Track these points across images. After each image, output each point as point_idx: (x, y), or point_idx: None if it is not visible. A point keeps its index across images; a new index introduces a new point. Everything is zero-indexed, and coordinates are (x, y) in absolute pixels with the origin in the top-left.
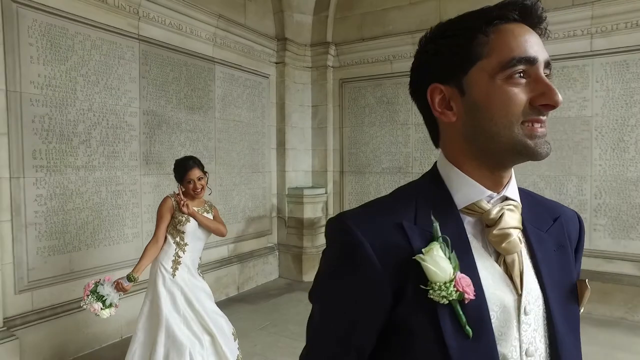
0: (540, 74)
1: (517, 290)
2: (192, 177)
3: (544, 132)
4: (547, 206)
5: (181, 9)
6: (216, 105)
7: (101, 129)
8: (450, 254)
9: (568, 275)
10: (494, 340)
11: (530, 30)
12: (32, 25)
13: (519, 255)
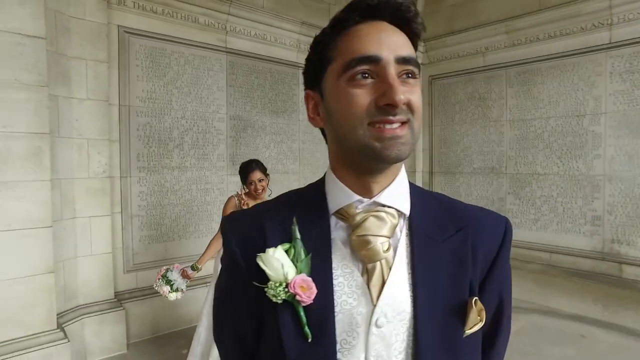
0: (385, 73)
1: (373, 300)
2: (253, 179)
3: (395, 133)
4: (456, 214)
5: (266, 20)
6: (300, 108)
7: (192, 134)
8: (304, 257)
9: (459, 292)
10: (334, 348)
11: (384, 28)
12: (139, 49)
13: (382, 265)
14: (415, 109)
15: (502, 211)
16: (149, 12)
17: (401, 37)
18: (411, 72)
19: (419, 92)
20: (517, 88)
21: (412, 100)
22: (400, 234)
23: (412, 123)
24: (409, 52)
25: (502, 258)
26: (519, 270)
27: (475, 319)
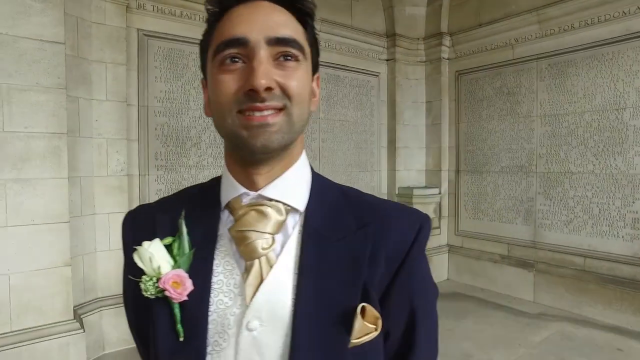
0: (253, 56)
1: (247, 301)
2: None
3: (265, 121)
4: (361, 211)
5: None
6: (320, 106)
7: (209, 133)
8: (188, 251)
9: (348, 297)
10: (204, 348)
11: (259, 8)
12: (157, 51)
13: (262, 263)
14: (292, 95)
15: (532, 212)
16: (167, 14)
17: (280, 17)
18: (290, 54)
19: (301, 76)
20: (549, 81)
21: (288, 85)
22: (292, 231)
23: (290, 110)
24: (287, 32)
25: (412, 261)
26: (549, 275)
27: (363, 328)
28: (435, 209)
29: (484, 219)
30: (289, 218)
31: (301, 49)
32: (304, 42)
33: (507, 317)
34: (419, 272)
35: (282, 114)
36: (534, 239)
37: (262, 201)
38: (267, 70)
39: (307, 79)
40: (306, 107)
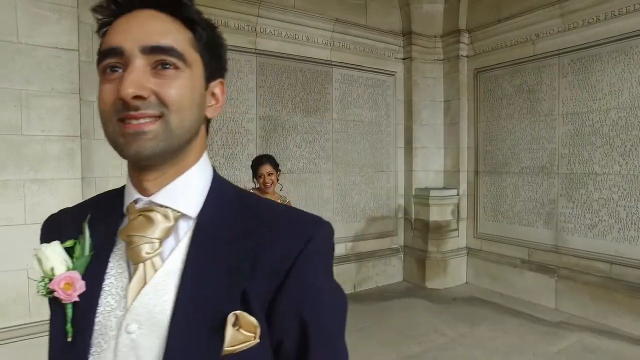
0: (129, 65)
1: (128, 304)
2: (262, 172)
3: (140, 129)
4: (252, 217)
5: (297, 19)
6: (334, 106)
7: (222, 134)
8: (87, 254)
9: (228, 305)
10: (88, 349)
11: (137, 17)
12: None
13: (146, 268)
14: (169, 103)
15: (553, 215)
16: None
17: (158, 25)
18: (167, 62)
19: (182, 84)
20: (572, 77)
21: (164, 93)
22: (183, 236)
23: (167, 117)
24: (164, 40)
25: (300, 271)
26: (572, 281)
27: (237, 336)
28: (453, 210)
29: (504, 221)
30: (181, 223)
31: (181, 57)
32: (187, 50)
33: (524, 325)
34: (311, 284)
35: (159, 121)
36: (556, 244)
37: (152, 207)
38: (136, 79)
39: (190, 86)
40: (190, 114)
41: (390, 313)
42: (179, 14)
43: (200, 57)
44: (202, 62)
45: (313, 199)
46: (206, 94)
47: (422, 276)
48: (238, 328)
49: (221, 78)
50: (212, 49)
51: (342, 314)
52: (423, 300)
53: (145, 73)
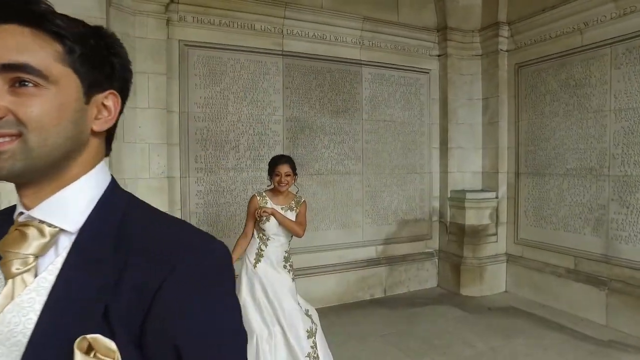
0: None
1: None
2: (280, 171)
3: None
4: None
5: (325, 19)
6: (363, 107)
7: (248, 136)
8: None
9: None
10: None
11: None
12: (197, 60)
13: (15, 284)
14: (26, 121)
15: (604, 222)
16: (207, 24)
17: (14, 40)
18: (24, 79)
19: (43, 102)
20: (626, 69)
21: (20, 112)
22: (62, 252)
23: (26, 136)
24: (18, 57)
25: (167, 300)
26: (627, 295)
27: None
28: (491, 214)
29: (547, 227)
30: (62, 238)
31: (39, 74)
32: (50, 66)
33: (568, 341)
34: (187, 316)
35: (17, 141)
36: (607, 253)
37: (29, 221)
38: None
39: (55, 103)
40: (56, 131)
41: (420, 320)
42: (42, 28)
43: (74, 70)
44: (77, 76)
45: (342, 200)
46: (88, 108)
47: (456, 282)
48: (94, 354)
49: (111, 89)
50: (92, 60)
51: (229, 333)
52: (456, 309)
53: (3, 91)
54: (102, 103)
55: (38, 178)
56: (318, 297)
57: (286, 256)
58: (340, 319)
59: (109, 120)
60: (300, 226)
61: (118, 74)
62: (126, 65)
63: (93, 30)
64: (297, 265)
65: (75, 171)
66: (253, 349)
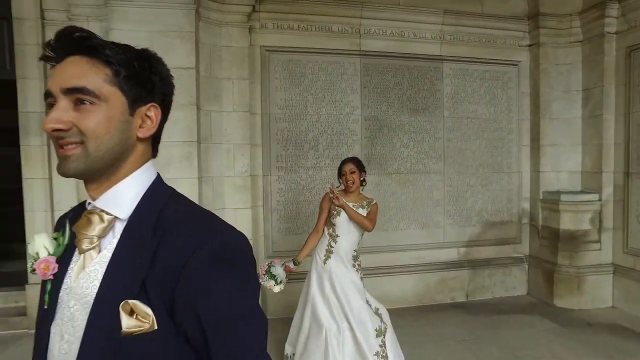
0: (55, 104)
1: (70, 283)
2: (345, 170)
3: (64, 154)
4: (164, 223)
5: (402, 16)
6: (444, 104)
7: (327, 136)
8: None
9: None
10: (52, 318)
11: (64, 64)
12: (277, 64)
13: (85, 257)
14: (85, 131)
15: None
16: (286, 29)
17: (75, 69)
18: (83, 99)
19: (96, 116)
20: None
21: (80, 124)
22: (117, 235)
23: (86, 143)
24: (78, 82)
25: (191, 276)
26: None
27: (131, 322)
28: (592, 218)
29: None
30: (117, 224)
31: (93, 94)
32: (101, 87)
33: None
34: (206, 291)
35: (80, 147)
36: None
37: (93, 210)
38: (55, 116)
39: (106, 116)
40: (107, 138)
41: (504, 328)
42: (95, 57)
43: (120, 89)
44: (122, 94)
45: (422, 200)
46: (133, 119)
47: (549, 292)
48: (135, 315)
49: (153, 102)
50: (135, 79)
51: (242, 312)
52: (547, 320)
53: (66, 110)
54: (145, 114)
55: (97, 176)
56: (395, 297)
57: (355, 255)
58: (417, 320)
59: (151, 128)
60: (370, 221)
61: (158, 89)
62: (166, 80)
63: (137, 54)
64: (374, 264)
65: (126, 170)
66: (322, 342)
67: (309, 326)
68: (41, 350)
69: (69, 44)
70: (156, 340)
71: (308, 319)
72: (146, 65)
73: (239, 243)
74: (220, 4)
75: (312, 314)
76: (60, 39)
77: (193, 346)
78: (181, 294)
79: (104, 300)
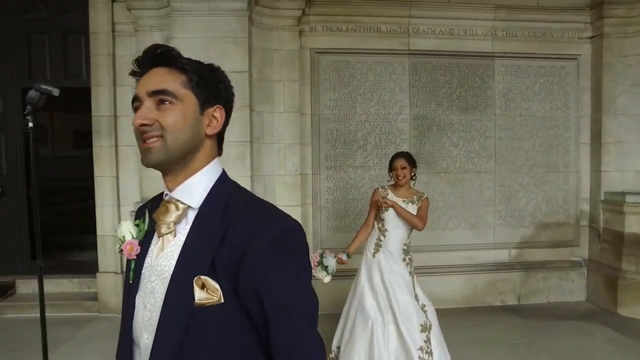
0: (141, 105)
1: (151, 262)
2: (396, 165)
3: (147, 146)
4: (230, 211)
5: (452, 14)
6: (496, 101)
7: (375, 135)
8: (144, 229)
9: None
10: (137, 287)
11: (149, 73)
12: (326, 65)
13: (164, 240)
14: (165, 126)
15: None
16: (335, 31)
17: (158, 76)
18: (163, 99)
19: (174, 113)
20: None
21: (161, 120)
22: (189, 221)
23: (165, 136)
24: (160, 86)
25: (252, 258)
26: None
27: (202, 295)
28: None
29: None
30: (190, 212)
31: (172, 95)
32: (178, 89)
33: None
34: (265, 272)
35: (160, 140)
36: None
37: (170, 199)
38: (142, 114)
39: (182, 114)
40: (182, 133)
41: (558, 335)
42: (173, 67)
43: (192, 92)
44: (194, 96)
45: (471, 200)
46: (202, 117)
47: (612, 299)
48: (206, 289)
49: (218, 105)
50: (205, 85)
51: (297, 294)
52: (608, 329)
53: (150, 109)
54: (212, 114)
55: (174, 167)
56: (442, 297)
57: (405, 249)
58: (465, 321)
59: (217, 126)
60: (421, 220)
61: (222, 95)
62: (229, 89)
63: (206, 66)
64: (421, 263)
65: (197, 165)
66: (368, 332)
67: (355, 316)
68: (128, 317)
69: (152, 58)
70: (222, 313)
71: (355, 310)
72: (213, 75)
73: (295, 230)
74: (272, 9)
75: (360, 305)
76: (146, 55)
77: (254, 323)
78: (244, 274)
79: (179, 276)
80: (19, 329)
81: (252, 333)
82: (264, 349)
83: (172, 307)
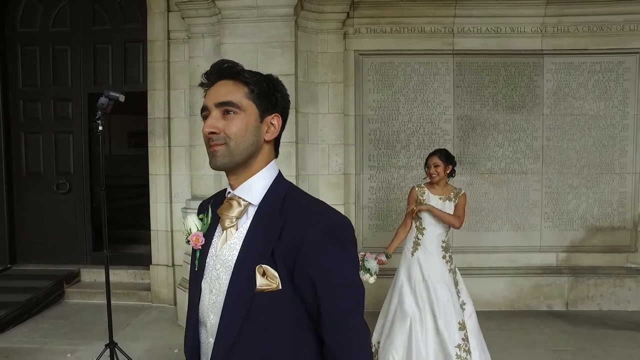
0: (209, 115)
1: (216, 252)
2: (429, 163)
3: (213, 151)
4: (286, 207)
5: (499, 11)
6: (544, 100)
7: (418, 136)
8: (207, 222)
9: (261, 258)
10: (201, 276)
11: (216, 86)
12: (370, 66)
13: (227, 233)
14: (229, 134)
15: None
16: (379, 33)
17: (224, 89)
18: (228, 109)
19: (237, 122)
20: None
21: (226, 129)
22: (249, 216)
23: (229, 143)
24: (225, 97)
25: (307, 248)
26: None
27: (263, 281)
28: None
29: None
30: (250, 208)
31: (236, 106)
32: (241, 100)
33: None
34: (318, 261)
35: (224, 146)
36: None
37: (233, 197)
38: (211, 123)
39: (244, 123)
40: (244, 140)
41: (610, 344)
42: (238, 80)
43: (254, 103)
44: (255, 106)
45: (516, 201)
46: (262, 125)
47: None
48: (266, 277)
49: (276, 113)
50: (264, 95)
51: (346, 279)
52: None
53: (217, 118)
54: (270, 122)
55: (237, 169)
56: (484, 300)
57: (444, 246)
58: (507, 324)
59: (274, 132)
60: (457, 218)
61: (280, 104)
62: (285, 97)
63: (265, 77)
64: (464, 264)
65: (257, 166)
66: (406, 328)
67: (394, 313)
68: (195, 300)
69: (219, 72)
70: (280, 298)
71: (394, 307)
72: (271, 85)
73: (345, 224)
74: (317, 13)
75: (399, 301)
76: (214, 69)
77: (307, 306)
78: (300, 263)
79: (242, 264)
80: (83, 313)
81: (305, 316)
82: (315, 331)
83: (235, 291)
